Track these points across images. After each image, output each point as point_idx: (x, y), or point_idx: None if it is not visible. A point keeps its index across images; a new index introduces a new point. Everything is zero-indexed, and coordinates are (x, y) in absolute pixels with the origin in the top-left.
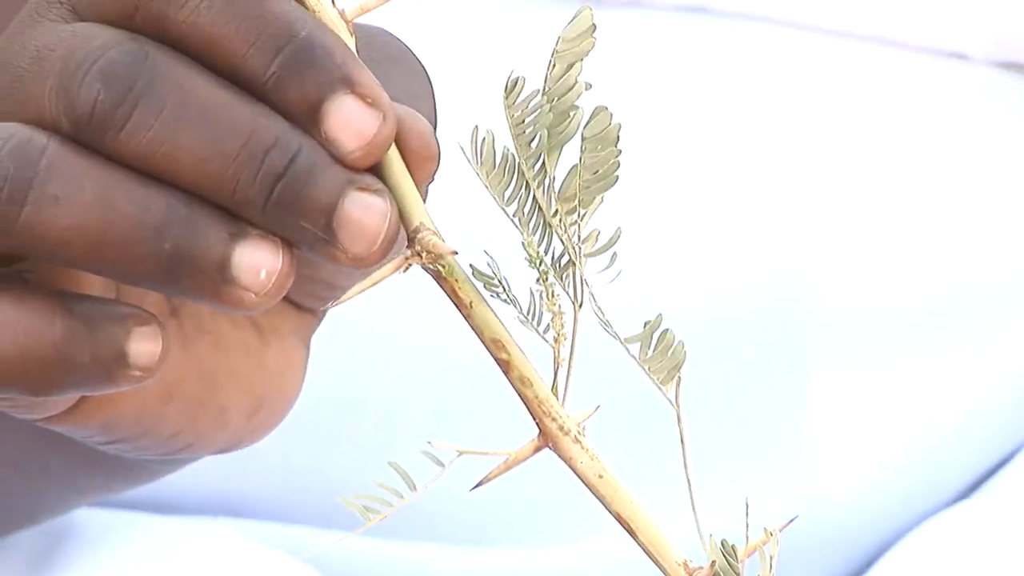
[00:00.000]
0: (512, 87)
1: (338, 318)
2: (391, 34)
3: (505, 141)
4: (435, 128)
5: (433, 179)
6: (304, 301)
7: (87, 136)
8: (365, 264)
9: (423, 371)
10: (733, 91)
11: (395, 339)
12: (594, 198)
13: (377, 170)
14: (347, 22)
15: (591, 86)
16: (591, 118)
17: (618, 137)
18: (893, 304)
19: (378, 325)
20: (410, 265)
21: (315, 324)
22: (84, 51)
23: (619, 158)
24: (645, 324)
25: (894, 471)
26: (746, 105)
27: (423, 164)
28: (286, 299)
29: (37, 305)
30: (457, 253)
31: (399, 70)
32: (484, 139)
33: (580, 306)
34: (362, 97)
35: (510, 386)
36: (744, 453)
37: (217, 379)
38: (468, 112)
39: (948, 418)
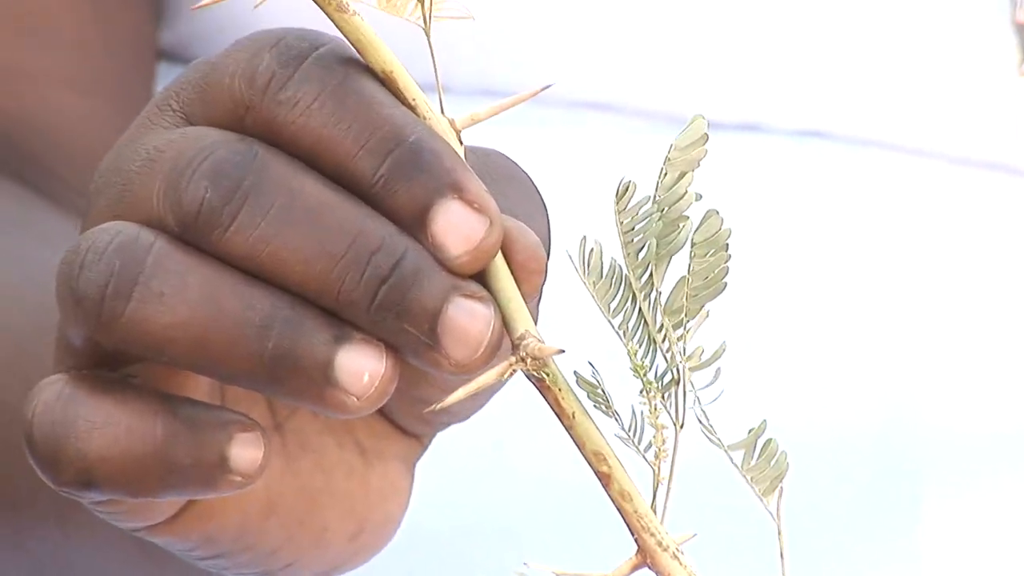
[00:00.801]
0: (623, 192)
1: (442, 443)
2: (506, 156)
3: (613, 252)
4: (549, 249)
5: (541, 292)
6: (410, 425)
7: (193, 234)
8: (467, 371)
9: (525, 492)
10: (849, 215)
11: (497, 462)
12: (702, 306)
13: (483, 276)
14: (457, 131)
15: (701, 196)
16: (702, 222)
17: (728, 244)
18: (1011, 430)
19: (480, 448)
20: (514, 372)
21: (421, 450)
22: (193, 151)
23: (728, 264)
24: (749, 431)
25: None
26: (862, 229)
27: (529, 277)
28: (392, 422)
29: (140, 406)
30: (564, 351)
31: (514, 190)
32: (592, 249)
33: (682, 427)
34: (469, 203)
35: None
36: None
37: (319, 498)
38: (576, 225)
39: None
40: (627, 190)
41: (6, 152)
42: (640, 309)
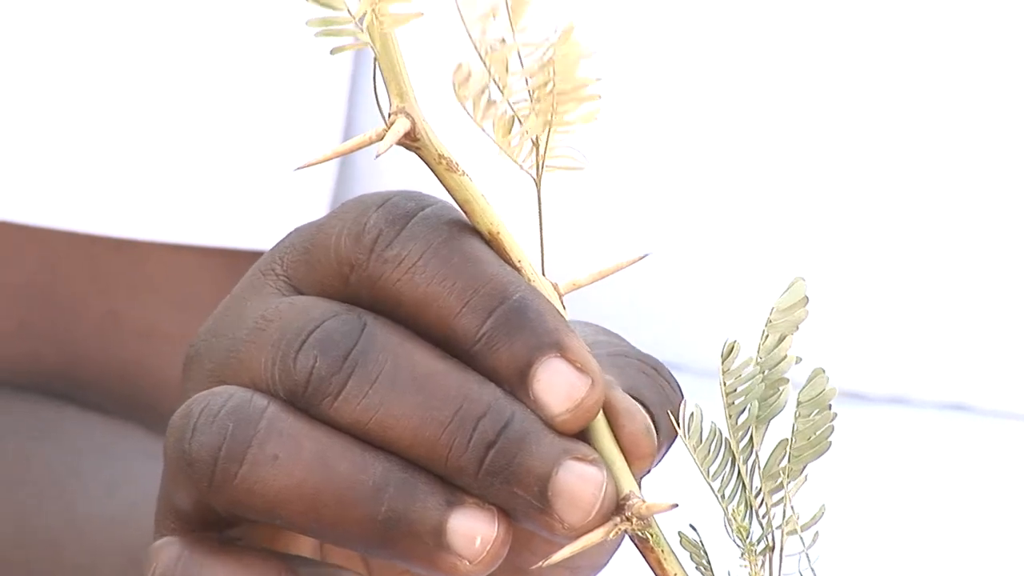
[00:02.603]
0: (728, 353)
1: None
2: (617, 334)
3: (713, 417)
4: (678, 412)
5: (649, 471)
6: None
7: (303, 402)
8: (581, 534)
9: None
10: (994, 488)
11: None
12: (803, 467)
13: (585, 435)
14: (560, 295)
15: (801, 359)
16: (808, 381)
17: (831, 404)
18: None
19: None
20: (619, 532)
21: None
22: (302, 321)
23: (833, 423)
24: None
25: None
26: (1006, 501)
27: (637, 462)
28: None
29: (261, 566)
30: (677, 505)
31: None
32: (692, 413)
33: None
34: (572, 361)
35: None
36: None
37: None
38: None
39: None
40: (732, 350)
41: (138, 404)
42: (739, 472)
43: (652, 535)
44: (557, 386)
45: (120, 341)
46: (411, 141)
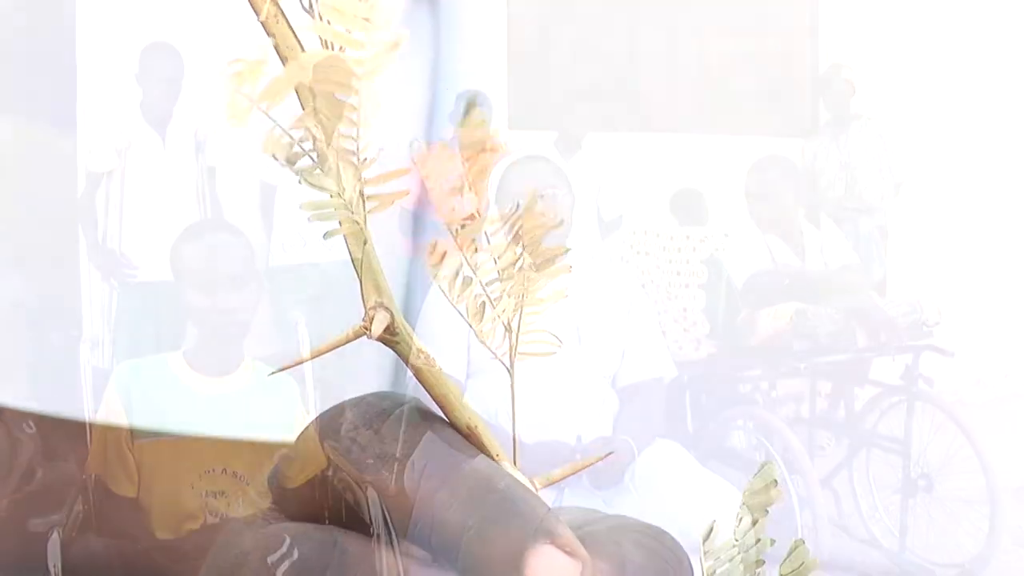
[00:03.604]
0: (708, 534)
1: None
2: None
3: None
4: None
5: None
6: None
7: None
8: None
9: None
10: None
11: None
12: None
13: None
14: (536, 489)
15: (775, 541)
16: (789, 553)
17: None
18: None
19: None
20: None
21: None
22: (277, 550)
23: None
24: None
25: None
26: None
27: None
28: None
29: None
30: None
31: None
32: None
33: None
34: (562, 547)
35: None
36: None
37: None
38: None
39: None
40: (711, 531)
41: None
42: None
43: None
44: (548, 571)
45: None
46: (390, 335)
